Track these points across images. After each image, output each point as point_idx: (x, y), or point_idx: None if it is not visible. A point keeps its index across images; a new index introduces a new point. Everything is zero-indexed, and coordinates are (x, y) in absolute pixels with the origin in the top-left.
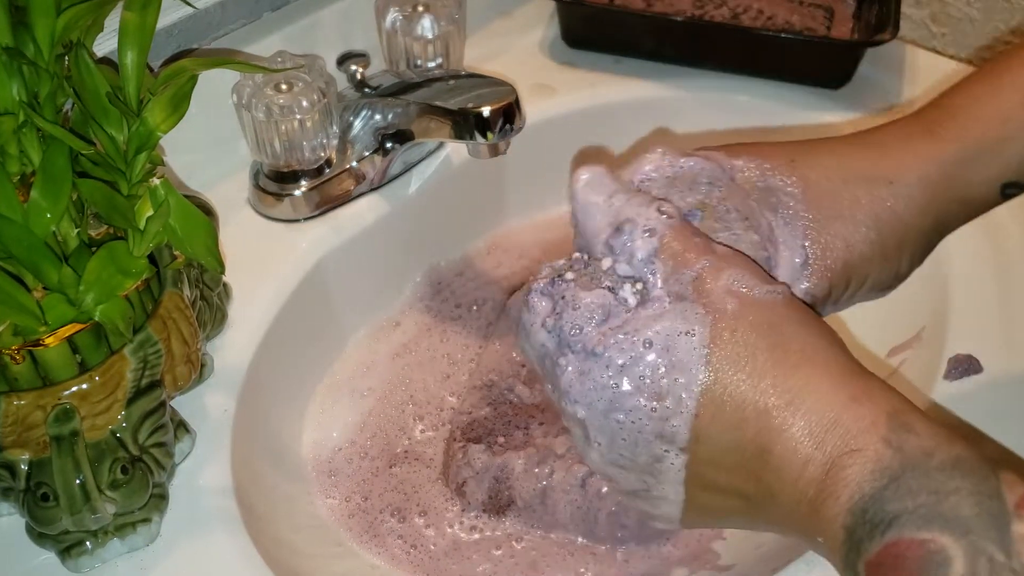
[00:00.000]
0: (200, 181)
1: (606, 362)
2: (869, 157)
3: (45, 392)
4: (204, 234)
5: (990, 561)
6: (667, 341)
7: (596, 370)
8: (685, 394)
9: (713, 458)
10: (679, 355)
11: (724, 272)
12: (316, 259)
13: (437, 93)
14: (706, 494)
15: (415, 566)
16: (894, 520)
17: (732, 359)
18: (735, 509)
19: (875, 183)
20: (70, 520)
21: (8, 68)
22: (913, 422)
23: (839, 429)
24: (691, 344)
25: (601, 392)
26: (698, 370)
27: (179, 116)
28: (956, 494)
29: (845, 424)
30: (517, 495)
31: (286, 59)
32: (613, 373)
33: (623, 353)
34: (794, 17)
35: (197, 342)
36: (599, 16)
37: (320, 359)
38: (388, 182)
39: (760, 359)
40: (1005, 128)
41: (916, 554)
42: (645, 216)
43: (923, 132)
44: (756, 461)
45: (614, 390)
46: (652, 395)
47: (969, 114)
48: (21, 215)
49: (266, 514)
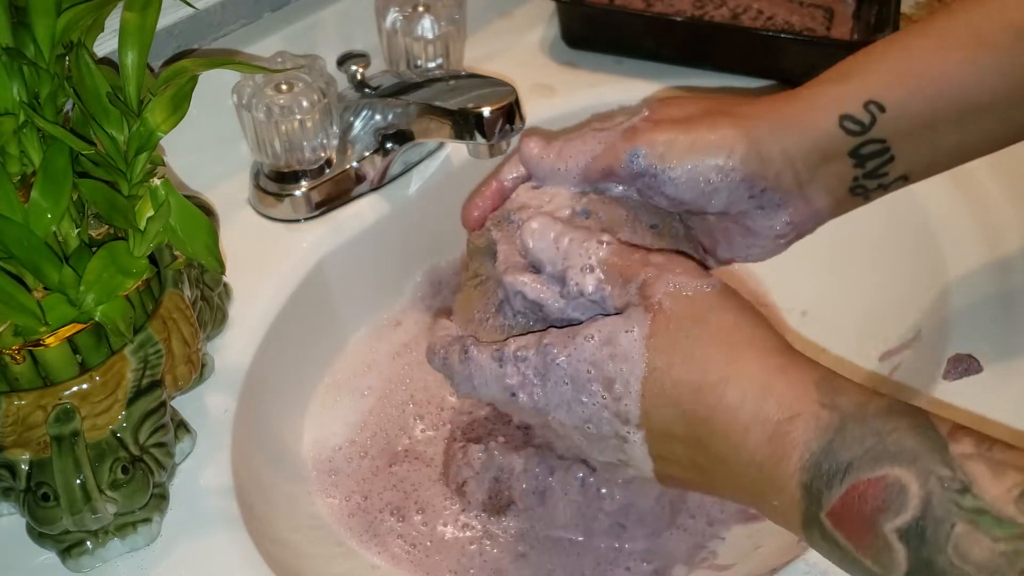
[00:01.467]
0: (200, 181)
1: (563, 360)
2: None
3: (46, 392)
4: (204, 234)
5: (939, 479)
6: (610, 336)
7: (554, 369)
8: (631, 378)
9: (665, 430)
10: (622, 347)
11: (661, 279)
12: (316, 259)
13: (437, 93)
14: (669, 465)
15: (415, 565)
16: (848, 467)
17: (668, 347)
18: (696, 478)
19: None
20: (70, 520)
21: (8, 68)
22: (840, 385)
23: (773, 397)
24: (631, 338)
25: (563, 387)
26: (639, 357)
27: (179, 116)
28: (896, 432)
29: (778, 392)
30: (517, 495)
31: (286, 59)
32: (570, 365)
33: (574, 350)
34: (794, 17)
35: (197, 342)
36: (599, 16)
37: (320, 359)
38: (388, 182)
39: (693, 344)
40: (842, 70)
41: (876, 490)
42: (587, 253)
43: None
44: (702, 430)
45: (575, 377)
46: (605, 382)
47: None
48: (22, 215)
49: (266, 514)
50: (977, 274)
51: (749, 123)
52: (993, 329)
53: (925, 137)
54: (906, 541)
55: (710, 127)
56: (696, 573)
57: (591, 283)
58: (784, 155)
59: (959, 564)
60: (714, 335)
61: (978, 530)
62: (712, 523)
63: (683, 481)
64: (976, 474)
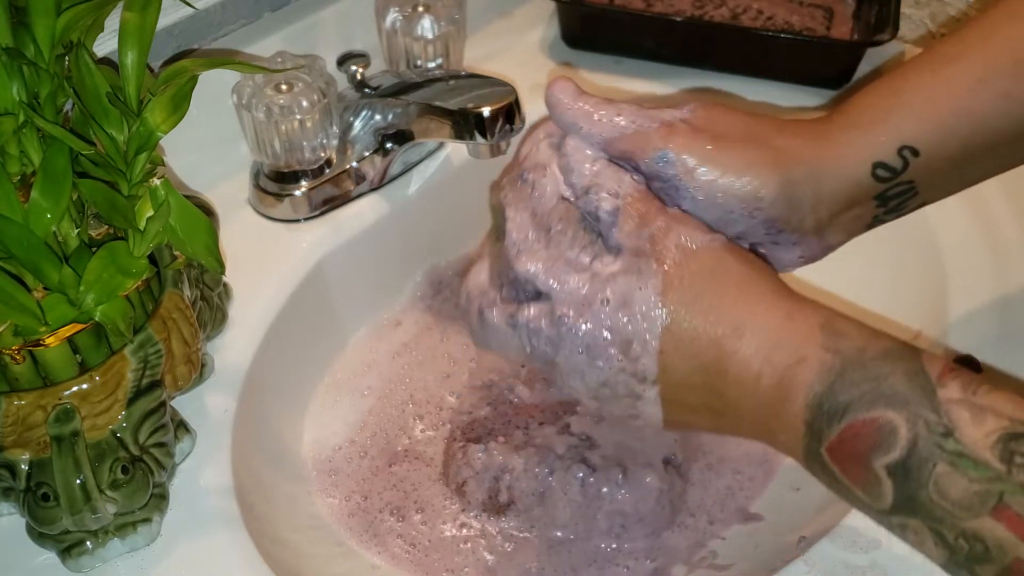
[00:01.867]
0: (200, 181)
1: (578, 330)
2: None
3: (46, 392)
4: (204, 234)
5: (926, 423)
6: (624, 297)
7: (568, 339)
8: (649, 336)
9: (682, 382)
10: (637, 306)
11: (673, 230)
12: (316, 259)
13: (437, 93)
14: (683, 411)
15: (415, 565)
16: (847, 408)
17: (684, 302)
18: (709, 423)
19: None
20: (70, 520)
21: (8, 68)
22: (843, 327)
23: (782, 345)
24: (646, 295)
25: (576, 357)
26: (657, 314)
27: (179, 116)
28: (891, 376)
29: (787, 338)
30: (517, 495)
31: (286, 59)
32: (585, 334)
33: (590, 319)
34: (794, 17)
35: (197, 342)
36: (599, 16)
37: (320, 359)
38: (388, 182)
39: (706, 298)
40: (875, 111)
41: (869, 430)
42: (619, 182)
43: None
44: (717, 379)
45: (591, 345)
46: (622, 345)
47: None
48: (21, 215)
49: (266, 514)
50: (976, 274)
51: (785, 165)
52: (992, 330)
53: (954, 173)
54: (893, 476)
55: (748, 160)
56: (696, 573)
57: (609, 207)
58: (812, 203)
59: (937, 500)
60: (726, 287)
61: (957, 471)
62: (712, 523)
63: (690, 425)
64: (959, 420)
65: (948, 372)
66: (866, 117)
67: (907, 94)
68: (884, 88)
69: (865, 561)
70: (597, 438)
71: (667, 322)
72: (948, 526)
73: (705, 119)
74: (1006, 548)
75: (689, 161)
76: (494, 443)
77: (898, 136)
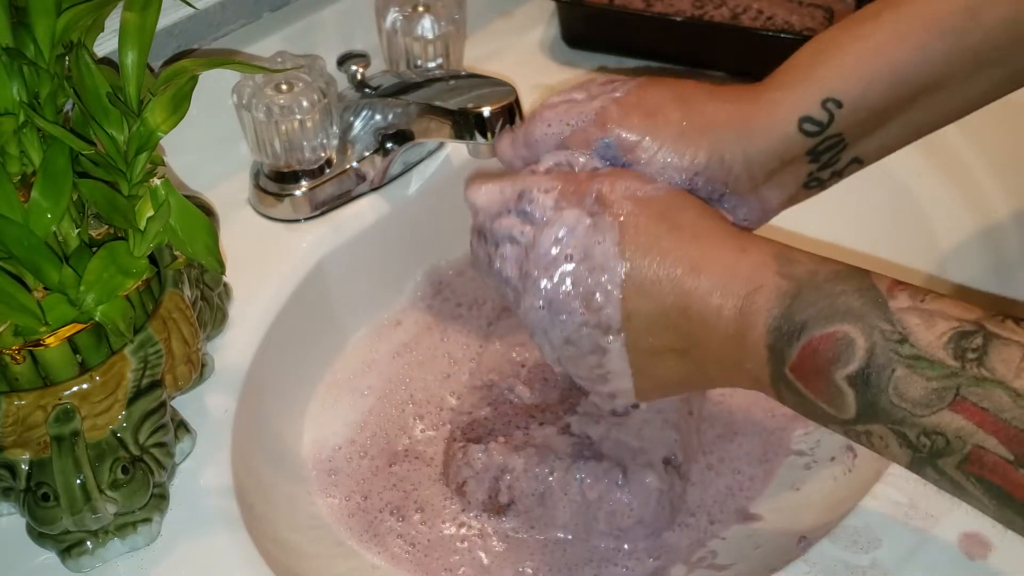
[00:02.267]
0: (200, 181)
1: (542, 283)
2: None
3: (46, 392)
4: (204, 234)
5: (881, 332)
6: (585, 251)
7: (531, 291)
8: (611, 286)
9: (646, 327)
10: (596, 259)
11: (617, 183)
12: (316, 259)
13: (437, 93)
14: (649, 359)
15: (415, 565)
16: (804, 326)
17: (641, 248)
18: (677, 368)
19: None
20: (70, 520)
21: (8, 68)
22: (794, 255)
23: (739, 276)
24: (604, 248)
25: (538, 313)
26: (617, 264)
27: (179, 116)
28: (844, 294)
29: (743, 269)
30: (517, 495)
31: (286, 59)
32: (548, 290)
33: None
34: (794, 17)
35: (197, 342)
36: (599, 16)
37: (320, 358)
38: (388, 182)
39: (663, 242)
40: (800, 70)
41: (828, 345)
42: (541, 186)
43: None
44: (680, 319)
45: (553, 300)
46: (585, 297)
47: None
48: (22, 215)
49: (266, 514)
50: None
51: (715, 129)
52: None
53: (879, 123)
54: (854, 386)
55: (680, 130)
56: (696, 573)
57: (549, 202)
58: (745, 162)
59: (898, 403)
60: (681, 229)
61: (914, 372)
62: (712, 523)
63: (659, 380)
64: (912, 326)
65: (896, 285)
66: (791, 75)
67: (830, 52)
68: (809, 48)
69: (865, 561)
70: (597, 438)
71: (628, 269)
72: (909, 425)
73: (637, 96)
74: (965, 437)
75: (628, 140)
76: (494, 443)
77: (821, 90)
